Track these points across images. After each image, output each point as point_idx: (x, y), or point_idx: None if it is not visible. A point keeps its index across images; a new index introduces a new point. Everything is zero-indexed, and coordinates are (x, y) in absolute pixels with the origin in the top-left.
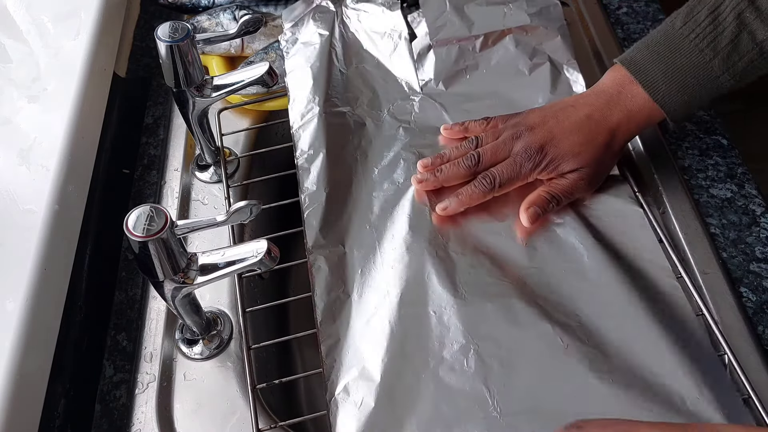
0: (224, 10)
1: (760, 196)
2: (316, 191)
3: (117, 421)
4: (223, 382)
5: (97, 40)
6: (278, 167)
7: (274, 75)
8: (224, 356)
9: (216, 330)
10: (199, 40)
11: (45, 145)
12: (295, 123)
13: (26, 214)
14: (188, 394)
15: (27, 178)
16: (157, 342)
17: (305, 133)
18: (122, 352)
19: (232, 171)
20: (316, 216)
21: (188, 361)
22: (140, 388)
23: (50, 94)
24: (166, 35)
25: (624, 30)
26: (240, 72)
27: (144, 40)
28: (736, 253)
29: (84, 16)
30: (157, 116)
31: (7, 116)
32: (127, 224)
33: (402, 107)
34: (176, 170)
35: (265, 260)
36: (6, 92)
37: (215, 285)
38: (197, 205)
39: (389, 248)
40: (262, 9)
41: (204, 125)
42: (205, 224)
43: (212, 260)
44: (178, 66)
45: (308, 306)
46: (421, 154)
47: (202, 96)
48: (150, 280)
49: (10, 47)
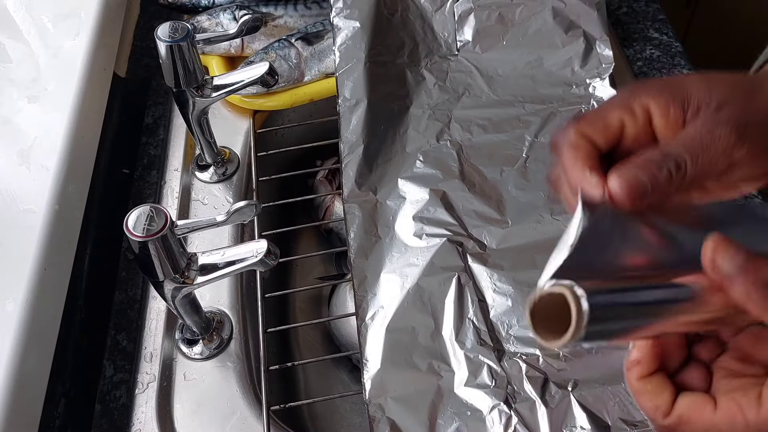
0: (224, 10)
1: (760, 196)
2: (355, 141)
3: (117, 421)
4: (223, 382)
5: (97, 40)
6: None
7: (274, 75)
8: (224, 356)
9: (216, 330)
10: (199, 40)
11: (45, 145)
12: (339, 67)
13: (26, 214)
14: (188, 394)
15: (27, 178)
16: (157, 342)
17: (348, 81)
18: (122, 352)
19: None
20: (353, 166)
21: (188, 361)
22: (140, 388)
23: (50, 94)
24: (166, 35)
25: (624, 30)
26: (240, 72)
27: (144, 40)
28: None
29: (84, 16)
30: (157, 116)
31: (7, 116)
32: (127, 224)
33: (439, 65)
34: (176, 170)
35: (265, 260)
36: (6, 92)
37: (215, 285)
38: (197, 205)
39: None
40: (262, 9)
41: (204, 125)
42: (205, 224)
43: (212, 260)
44: (178, 66)
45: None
46: (451, 117)
47: (202, 96)
48: (150, 280)
49: (10, 47)
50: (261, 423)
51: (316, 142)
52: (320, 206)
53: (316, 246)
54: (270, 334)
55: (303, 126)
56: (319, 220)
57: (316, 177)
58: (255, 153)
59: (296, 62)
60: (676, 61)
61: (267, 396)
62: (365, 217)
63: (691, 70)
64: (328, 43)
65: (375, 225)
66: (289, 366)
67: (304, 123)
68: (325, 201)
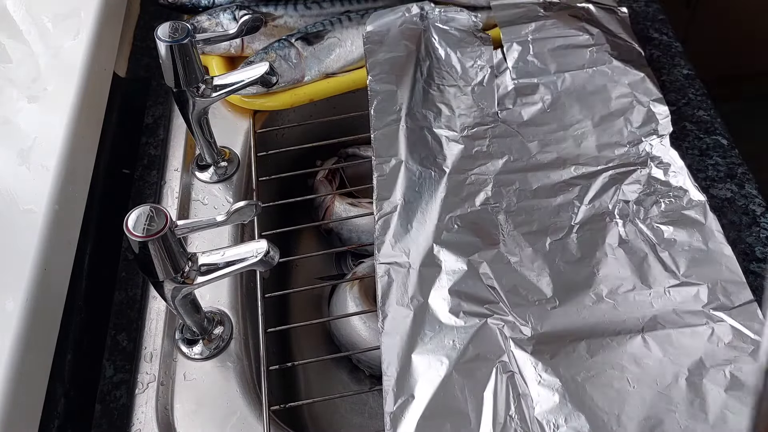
0: (224, 10)
1: (760, 196)
2: (390, 199)
3: (117, 421)
4: (223, 382)
5: (97, 40)
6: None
7: (274, 75)
8: (224, 356)
9: (216, 330)
10: (199, 40)
11: (45, 145)
12: (375, 126)
13: (26, 214)
14: (188, 394)
15: (27, 178)
16: (157, 342)
17: (385, 140)
18: (122, 352)
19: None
20: (388, 225)
21: (188, 361)
22: (140, 388)
23: (50, 94)
24: (166, 35)
25: None
26: (240, 72)
27: (144, 40)
28: (736, 253)
29: (84, 16)
30: (157, 116)
31: (7, 116)
32: (127, 224)
33: (480, 132)
34: (176, 170)
35: (265, 260)
36: (6, 92)
37: (215, 285)
38: (197, 205)
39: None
40: (262, 9)
41: (204, 125)
42: (205, 224)
43: (212, 260)
44: (178, 66)
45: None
46: (492, 182)
47: (202, 96)
48: (150, 280)
49: (10, 47)
50: (261, 423)
51: (316, 142)
52: (320, 206)
53: (316, 246)
54: (270, 334)
55: (303, 126)
56: (319, 220)
57: (316, 177)
58: (255, 153)
59: (296, 62)
60: (676, 61)
61: (267, 396)
62: (398, 284)
63: (691, 70)
64: (328, 43)
65: (406, 293)
66: (289, 366)
67: (304, 123)
68: (325, 201)
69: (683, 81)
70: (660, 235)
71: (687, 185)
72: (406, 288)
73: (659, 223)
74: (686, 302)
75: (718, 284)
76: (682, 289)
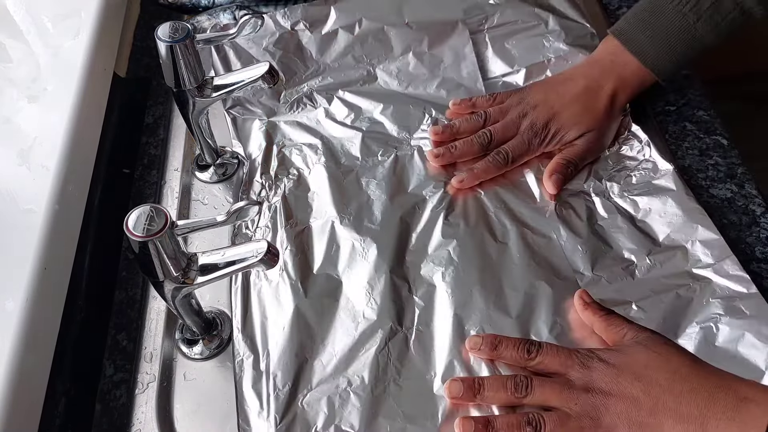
0: (224, 10)
1: (760, 196)
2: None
3: (117, 420)
4: (223, 382)
5: (97, 40)
6: None
7: (274, 74)
8: (224, 356)
9: (216, 330)
10: (199, 40)
11: (45, 145)
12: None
13: (26, 214)
14: (188, 394)
15: (27, 178)
16: (157, 342)
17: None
18: (122, 351)
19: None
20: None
21: (188, 361)
22: (140, 388)
23: (50, 94)
24: (166, 35)
25: None
26: (240, 72)
27: (144, 40)
28: (736, 253)
29: (84, 16)
30: (157, 116)
31: (7, 116)
32: (127, 224)
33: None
34: (176, 170)
35: (265, 260)
36: (6, 92)
37: (215, 285)
38: (197, 205)
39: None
40: (262, 9)
41: (204, 125)
42: (205, 224)
43: (212, 260)
44: (178, 66)
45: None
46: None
47: (202, 96)
48: (150, 280)
49: (10, 47)
50: None
51: None
52: None
53: None
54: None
55: None
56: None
57: None
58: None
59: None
60: None
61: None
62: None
63: (690, 70)
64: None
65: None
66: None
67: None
68: None
69: (683, 81)
70: (636, 206)
71: (654, 157)
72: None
73: (633, 195)
74: (670, 265)
75: (696, 244)
76: (665, 254)
